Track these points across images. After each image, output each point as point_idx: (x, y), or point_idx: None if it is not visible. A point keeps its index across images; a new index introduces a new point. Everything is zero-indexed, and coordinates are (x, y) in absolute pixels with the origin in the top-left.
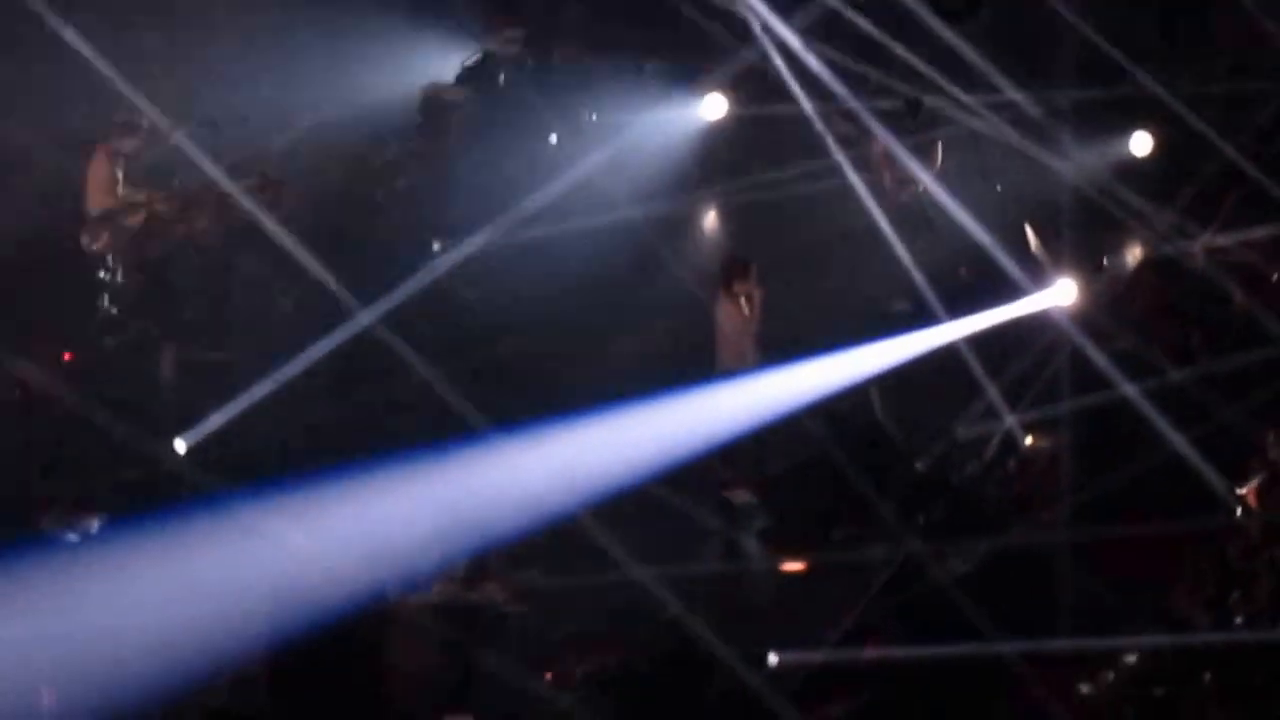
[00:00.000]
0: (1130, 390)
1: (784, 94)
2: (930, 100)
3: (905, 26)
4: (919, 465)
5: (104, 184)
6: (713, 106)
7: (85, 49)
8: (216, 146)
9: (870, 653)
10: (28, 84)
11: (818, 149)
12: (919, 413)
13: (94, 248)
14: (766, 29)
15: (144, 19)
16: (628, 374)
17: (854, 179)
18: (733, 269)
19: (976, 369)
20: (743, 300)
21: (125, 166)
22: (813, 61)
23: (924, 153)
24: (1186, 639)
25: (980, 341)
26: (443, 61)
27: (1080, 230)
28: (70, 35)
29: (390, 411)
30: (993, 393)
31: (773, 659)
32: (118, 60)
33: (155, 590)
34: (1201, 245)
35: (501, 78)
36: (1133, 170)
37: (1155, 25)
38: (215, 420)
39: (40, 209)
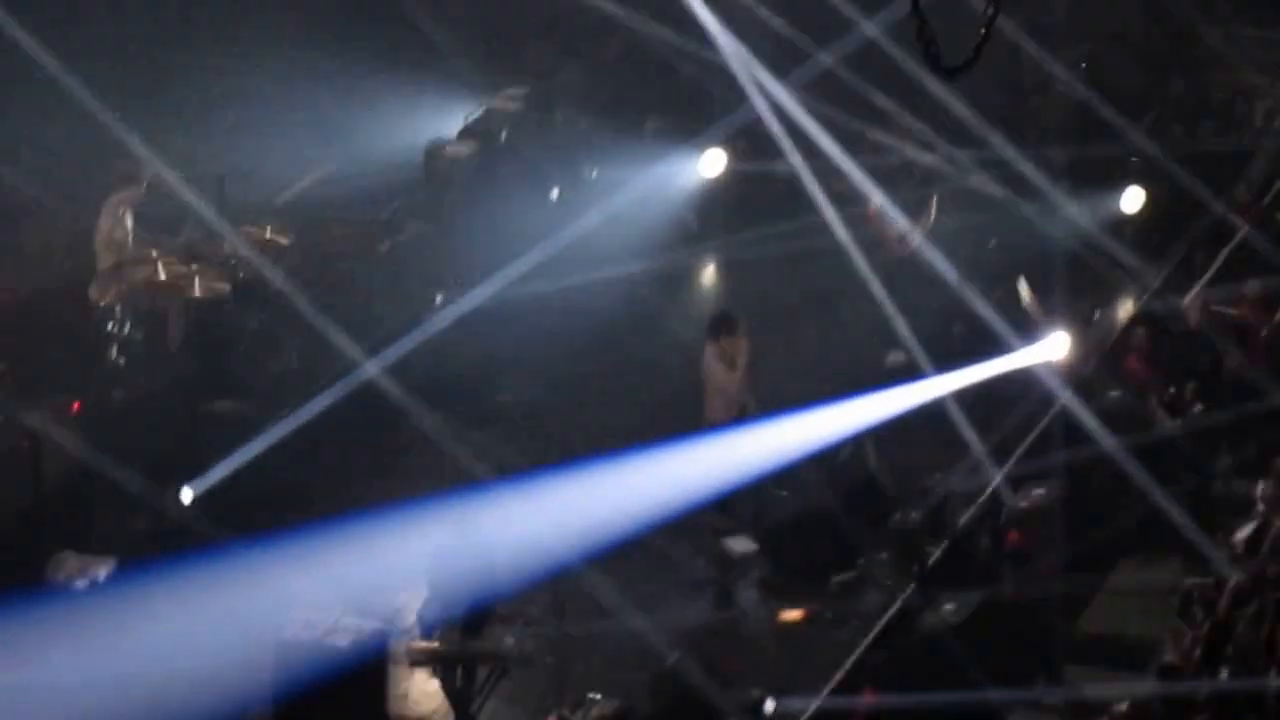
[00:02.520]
0: (1121, 443)
1: (782, 150)
2: (924, 157)
3: (900, 84)
4: (913, 516)
5: (112, 237)
6: (711, 163)
7: (93, 103)
8: (223, 200)
9: (866, 701)
10: (38, 138)
11: (814, 205)
12: (913, 464)
13: (102, 300)
14: (762, 87)
15: (152, 75)
16: (627, 425)
17: (849, 235)
18: (720, 322)
19: (969, 422)
20: (729, 353)
21: (134, 220)
22: (808, 119)
23: (918, 209)
24: (1176, 688)
25: (973, 394)
26: (446, 118)
27: (1072, 285)
28: (78, 90)
29: (393, 461)
30: (985, 445)
31: (770, 706)
32: (126, 115)
33: (163, 638)
34: (1192, 300)
35: (503, 134)
36: (1124, 226)
37: (1147, 83)
38: (221, 470)
39: (49, 261)
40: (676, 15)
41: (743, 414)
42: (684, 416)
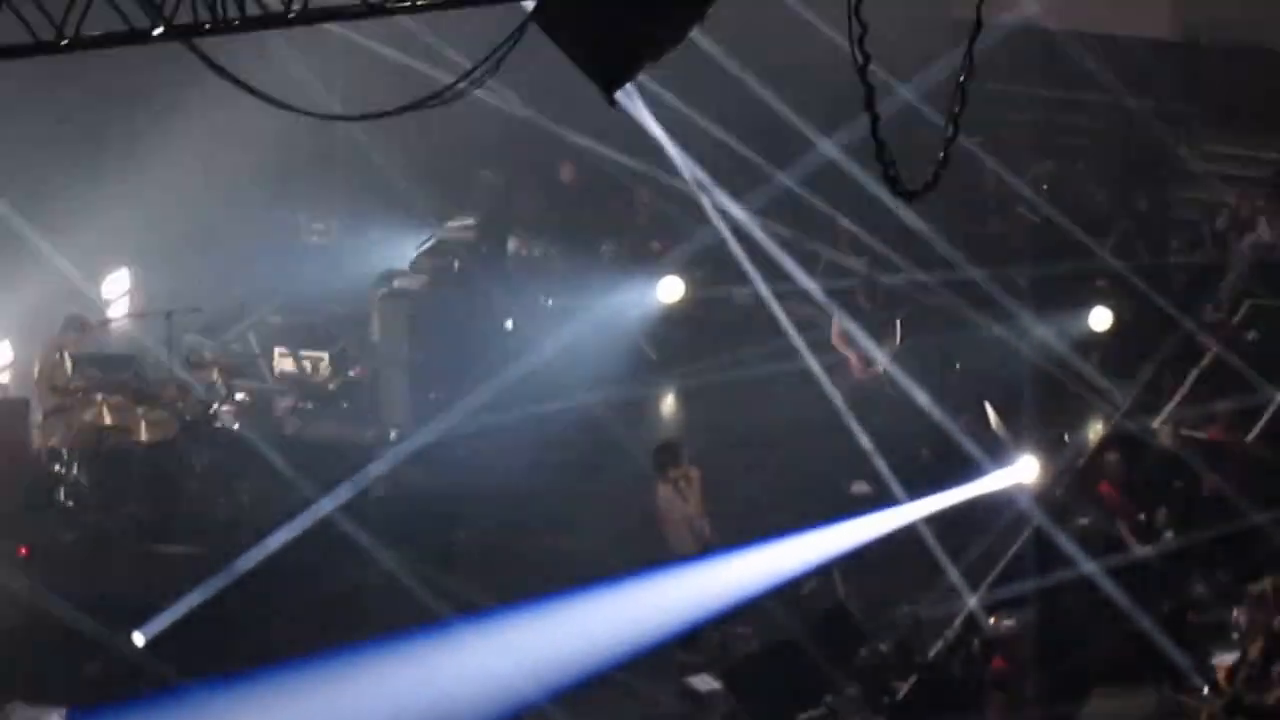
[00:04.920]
0: (1094, 567)
1: (742, 275)
2: (889, 279)
3: (862, 206)
4: (883, 646)
5: (52, 380)
6: (669, 289)
7: (39, 242)
8: (170, 337)
9: None
10: None
11: (776, 330)
12: (882, 593)
13: (48, 443)
14: (721, 211)
15: (94, 208)
16: (589, 558)
17: (812, 360)
18: (664, 455)
19: (939, 548)
20: (680, 483)
21: (75, 359)
22: (769, 242)
23: (884, 331)
24: None
25: (942, 520)
26: (397, 248)
27: (1041, 407)
28: (19, 225)
29: (350, 600)
30: (956, 572)
31: None
32: (70, 250)
33: None
34: (1163, 421)
35: (456, 264)
36: (1093, 346)
37: (1113, 201)
38: (174, 612)
39: None
40: (630, 138)
41: (706, 544)
42: (647, 549)
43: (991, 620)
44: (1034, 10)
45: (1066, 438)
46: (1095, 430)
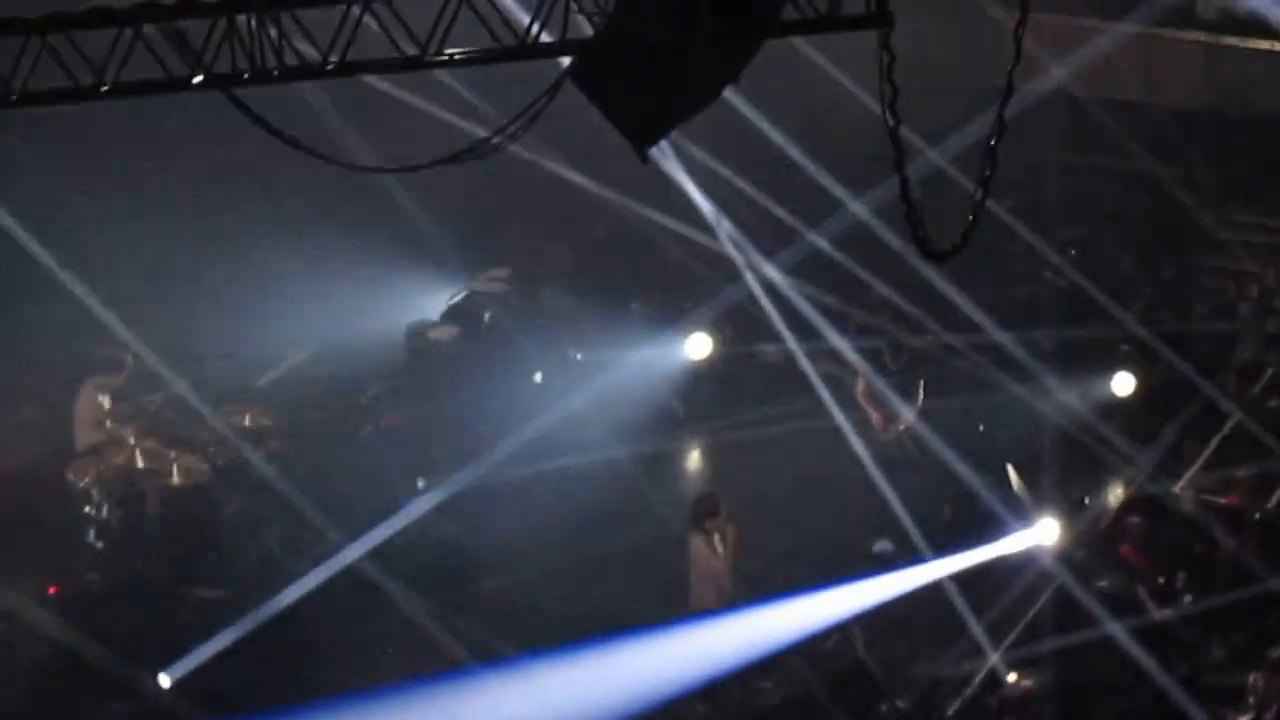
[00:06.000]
0: (1114, 629)
1: (769, 333)
2: (914, 340)
3: (889, 266)
4: (902, 703)
5: (90, 419)
6: (698, 346)
7: (74, 283)
8: (203, 382)
9: None
10: (22, 321)
11: (802, 387)
12: (902, 650)
13: (80, 483)
14: (752, 268)
15: (133, 255)
16: (611, 612)
17: (839, 417)
18: (703, 506)
19: (960, 607)
20: (716, 537)
21: (112, 402)
22: (798, 300)
23: (908, 391)
24: None
25: (963, 580)
26: (428, 299)
27: (1062, 469)
28: (58, 269)
29: (374, 646)
30: (976, 630)
31: None
32: (107, 295)
33: None
34: (1184, 485)
35: (487, 316)
36: (1115, 410)
37: (1139, 267)
38: (201, 654)
39: (29, 443)
40: (662, 196)
41: (727, 599)
42: (669, 602)
43: (1011, 679)
44: (1064, 77)
45: (1087, 500)
46: (1116, 494)
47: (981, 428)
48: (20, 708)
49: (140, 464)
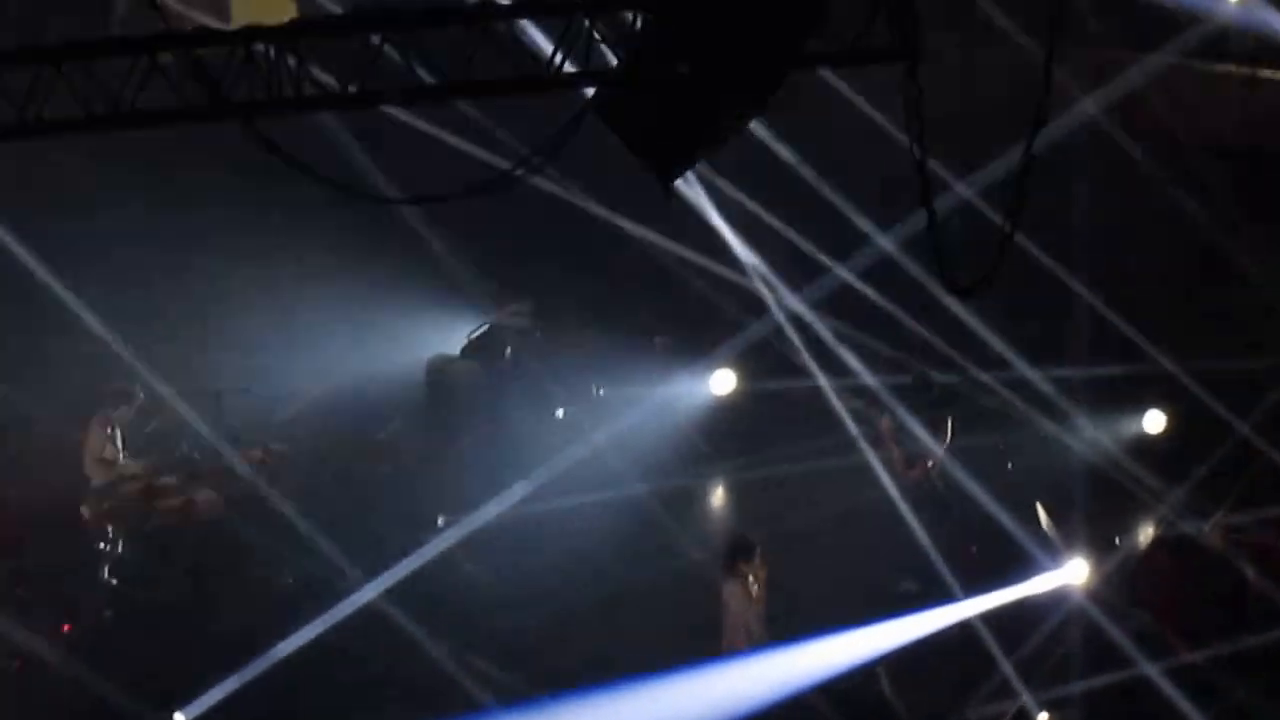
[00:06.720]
0: (1144, 670)
1: (794, 368)
2: (942, 377)
3: (918, 302)
4: None
5: (102, 455)
6: (722, 382)
7: (89, 317)
8: (219, 417)
9: None
10: (35, 353)
11: (828, 424)
12: (929, 691)
13: (95, 519)
14: (780, 303)
15: (149, 290)
16: (635, 652)
17: (865, 455)
18: (738, 548)
19: (989, 647)
20: (749, 579)
21: (125, 435)
22: (825, 335)
23: (936, 429)
24: None
25: (992, 619)
26: (449, 334)
27: (1093, 508)
28: (74, 303)
29: (391, 685)
30: (1005, 671)
31: None
32: (123, 329)
33: None
34: (1215, 524)
35: (508, 351)
36: (1146, 448)
37: (1170, 302)
38: (217, 693)
39: (43, 478)
40: (685, 230)
41: (755, 642)
42: (693, 642)
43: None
44: (1096, 110)
45: (1118, 540)
46: (1146, 532)
47: (1010, 465)
48: None
49: (155, 499)
